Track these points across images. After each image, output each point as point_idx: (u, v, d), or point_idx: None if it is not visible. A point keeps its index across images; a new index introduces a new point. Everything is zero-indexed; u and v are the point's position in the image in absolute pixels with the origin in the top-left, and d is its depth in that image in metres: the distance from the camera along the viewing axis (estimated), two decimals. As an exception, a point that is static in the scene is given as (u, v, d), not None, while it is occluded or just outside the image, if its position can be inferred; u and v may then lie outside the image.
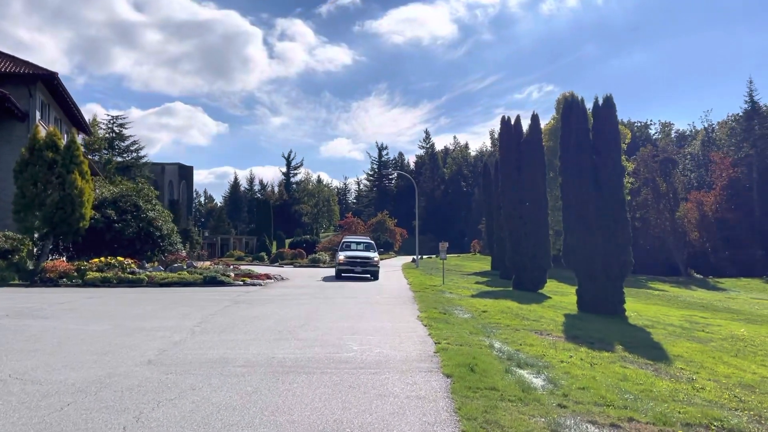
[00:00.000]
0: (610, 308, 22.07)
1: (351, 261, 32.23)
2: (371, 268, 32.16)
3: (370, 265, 32.17)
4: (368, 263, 32.18)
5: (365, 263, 32.22)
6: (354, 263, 32.19)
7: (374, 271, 32.23)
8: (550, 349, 11.58)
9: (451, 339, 11.23)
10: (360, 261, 32.29)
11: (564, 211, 23.31)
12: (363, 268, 31.98)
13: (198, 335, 11.41)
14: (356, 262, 32.23)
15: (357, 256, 32.66)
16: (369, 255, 32.96)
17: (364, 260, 32.36)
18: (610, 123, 22.51)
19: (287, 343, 10.58)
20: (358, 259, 32.42)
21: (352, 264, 32.16)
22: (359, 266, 32.04)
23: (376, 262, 32.56)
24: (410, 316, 15.31)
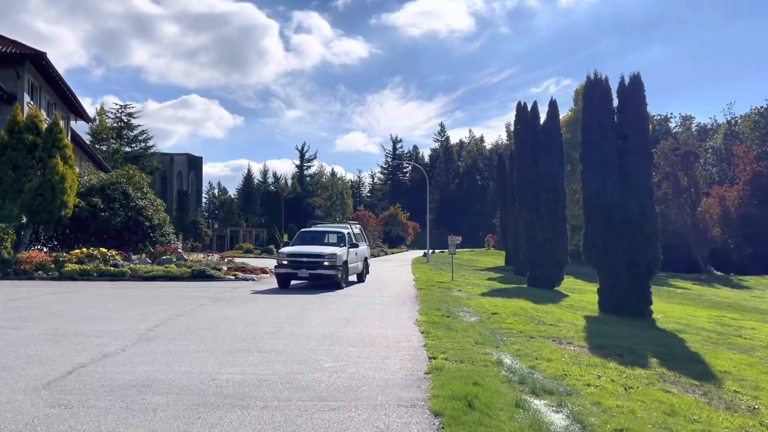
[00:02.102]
0: (635, 309, 19.84)
1: (295, 261, 21.12)
2: (325, 271, 20.73)
3: (321, 266, 20.75)
4: (318, 264, 20.80)
5: (314, 264, 20.86)
6: (298, 264, 21.02)
7: (329, 275, 20.76)
8: (573, 364, 9.42)
9: (450, 352, 9.09)
10: (307, 261, 20.93)
11: (585, 202, 21.05)
12: (311, 272, 20.80)
13: (142, 344, 9.36)
14: (301, 263, 20.97)
15: (305, 254, 21.24)
16: (325, 252, 21.29)
17: (313, 259, 20.95)
18: (638, 105, 20.20)
19: (245, 356, 8.50)
20: (305, 257, 21.07)
21: (295, 265, 21.02)
22: (305, 268, 20.80)
23: (333, 263, 20.79)
24: (407, 319, 13.19)
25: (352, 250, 22.80)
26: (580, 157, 21.40)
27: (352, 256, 22.66)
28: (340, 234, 23.20)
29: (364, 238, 25.79)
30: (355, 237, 24.11)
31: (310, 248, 21.75)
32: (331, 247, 21.98)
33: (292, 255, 21.31)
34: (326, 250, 21.43)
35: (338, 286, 20.81)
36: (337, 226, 25.56)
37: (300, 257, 21.08)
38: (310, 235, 24.07)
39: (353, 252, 22.94)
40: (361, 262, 24.30)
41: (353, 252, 22.94)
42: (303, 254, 21.19)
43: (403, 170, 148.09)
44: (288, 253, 21.56)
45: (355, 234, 24.41)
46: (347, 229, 23.91)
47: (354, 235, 24.14)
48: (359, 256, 24.06)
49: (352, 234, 23.86)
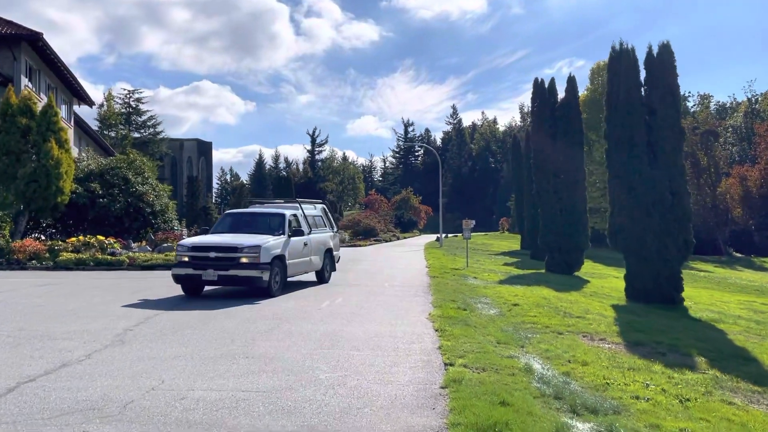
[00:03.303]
0: (666, 296, 18.45)
1: (198, 258, 14.22)
2: (242, 271, 14.01)
3: (237, 264, 14.00)
4: (233, 262, 14.03)
5: (226, 261, 14.05)
6: (202, 261, 14.13)
7: (249, 278, 14.07)
8: (613, 368, 8.09)
9: (470, 357, 7.77)
10: (216, 258, 14.08)
11: (610, 182, 19.59)
12: (222, 273, 13.95)
13: (114, 348, 8.11)
14: (207, 259, 14.10)
15: (213, 246, 14.36)
16: (243, 243, 14.26)
17: (224, 254, 14.12)
18: (668, 76, 18.67)
19: (228, 364, 7.22)
20: (212, 252, 14.17)
21: (200, 263, 14.12)
22: (213, 267, 13.95)
23: (255, 259, 14.02)
24: (419, 313, 11.87)
25: (297, 239, 15.73)
26: (605, 134, 19.95)
27: (297, 248, 15.66)
28: (276, 217, 16.06)
29: (327, 223, 19.05)
30: (305, 221, 16.83)
31: (221, 238, 14.84)
32: (258, 236, 14.77)
33: (196, 249, 14.26)
34: (246, 240, 14.35)
35: (266, 292, 14.12)
36: (277, 207, 17.90)
37: (206, 252, 14.04)
38: (237, 220, 16.54)
39: (298, 242, 15.82)
40: (318, 255, 17.32)
41: (298, 242, 15.82)
42: (210, 247, 14.16)
43: (415, 154, 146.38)
44: (190, 246, 14.41)
45: (306, 217, 17.08)
46: (291, 211, 16.65)
47: (303, 218, 16.87)
48: (313, 247, 16.86)
49: (299, 217, 16.63)
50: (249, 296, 14.14)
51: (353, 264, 26.11)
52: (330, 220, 19.52)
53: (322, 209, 19.34)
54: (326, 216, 19.42)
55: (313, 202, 19.61)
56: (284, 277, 15.12)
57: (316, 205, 19.39)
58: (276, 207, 17.97)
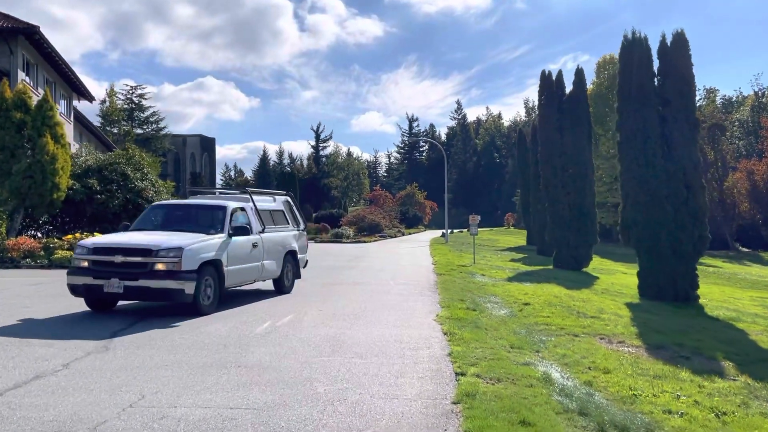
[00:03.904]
0: (681, 294, 17.79)
1: (101, 263, 10.88)
2: (157, 282, 10.56)
3: (150, 273, 10.56)
4: (145, 269, 10.60)
5: (136, 269, 10.67)
6: (106, 269, 10.76)
7: (167, 291, 10.62)
8: (637, 376, 7.46)
9: (483, 365, 7.13)
10: (120, 265, 10.69)
11: (622, 175, 18.89)
12: (129, 283, 10.54)
13: (97, 355, 7.49)
14: (112, 266, 10.72)
15: (121, 248, 10.90)
16: (159, 245, 10.74)
17: (134, 259, 10.71)
18: (682, 66, 17.97)
19: (218, 374, 6.59)
20: (119, 256, 10.71)
21: (101, 270, 10.77)
22: (118, 276, 10.55)
23: (175, 266, 10.53)
24: (426, 314, 11.23)
25: (242, 240, 12.27)
26: (617, 126, 19.25)
27: (241, 250, 12.27)
28: (215, 211, 12.52)
29: (291, 220, 15.40)
30: (256, 217, 13.35)
31: (132, 237, 11.46)
32: (184, 234, 11.41)
33: (98, 251, 10.95)
34: (164, 239, 10.97)
35: (195, 310, 10.77)
36: (220, 197, 14.86)
37: (110, 255, 10.69)
38: (167, 214, 13.10)
39: (244, 243, 12.39)
40: (275, 260, 13.81)
41: (244, 243, 12.39)
42: (115, 249, 10.81)
43: (420, 149, 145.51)
44: (91, 248, 11.05)
45: (258, 211, 13.54)
46: (238, 203, 13.23)
47: (255, 212, 13.39)
48: (266, 249, 13.35)
49: (249, 211, 13.19)
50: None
51: (357, 261, 25.47)
52: (295, 216, 15.81)
53: (284, 202, 15.52)
54: (290, 211, 15.63)
55: (274, 194, 15.76)
56: (220, 289, 11.41)
57: (276, 196, 15.48)
58: (221, 198, 14.42)
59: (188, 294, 10.57)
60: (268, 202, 14.81)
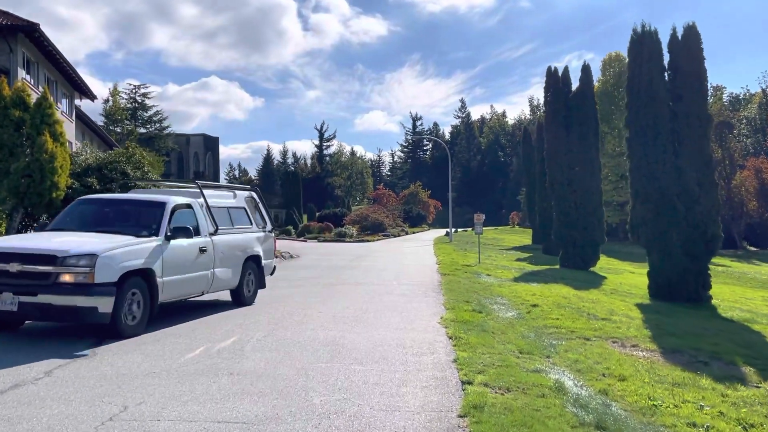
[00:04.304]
0: (692, 294, 17.34)
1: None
2: (60, 298, 8.18)
3: (51, 286, 8.23)
4: (45, 281, 8.28)
5: (36, 281, 8.33)
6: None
7: (78, 310, 8.21)
8: (655, 384, 7.01)
9: (491, 372, 6.69)
10: (17, 275, 8.34)
11: (632, 173, 18.42)
12: (25, 299, 8.17)
13: (83, 362, 7.08)
14: (6, 275, 8.34)
15: (21, 251, 8.57)
16: (68, 251, 8.39)
17: (34, 268, 8.36)
18: (694, 60, 17.51)
19: (208, 383, 6.16)
20: (15, 261, 8.36)
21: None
22: (11, 289, 8.22)
23: (84, 278, 8.24)
24: (431, 316, 10.79)
25: (184, 243, 10.15)
26: (626, 122, 18.80)
27: (183, 256, 10.17)
28: (151, 209, 10.39)
29: (255, 219, 13.14)
30: (206, 215, 11.15)
31: (35, 240, 9.68)
32: (107, 237, 9.33)
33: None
34: (73, 243, 8.86)
35: (114, 332, 8.58)
36: (163, 191, 12.33)
37: (5, 263, 8.45)
38: (94, 211, 10.81)
39: (188, 248, 10.29)
40: (231, 267, 11.68)
41: (188, 248, 10.29)
42: (10, 254, 8.57)
43: (424, 148, 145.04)
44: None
45: (209, 209, 11.29)
46: (183, 199, 10.95)
47: (205, 210, 11.19)
48: (219, 255, 11.20)
49: (196, 209, 10.96)
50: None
51: (360, 260, 25.05)
52: (262, 214, 13.47)
53: (247, 199, 13.23)
54: (255, 208, 13.33)
55: (234, 188, 13.66)
56: (152, 305, 9.23)
57: (238, 192, 13.30)
58: (163, 193, 11.85)
59: (103, 313, 8.26)
60: (226, 199, 12.49)
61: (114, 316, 8.42)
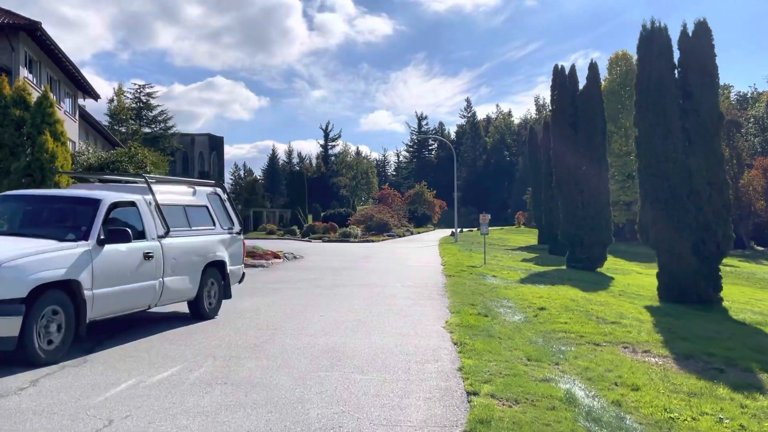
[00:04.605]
0: (703, 296, 16.95)
1: None
2: None
3: None
4: None
5: None
6: None
7: None
8: (670, 394, 6.68)
9: (498, 382, 6.36)
10: None
11: (641, 172, 18.05)
12: None
13: (73, 369, 6.78)
14: None
15: None
16: None
17: None
18: (704, 56, 17.12)
19: (201, 393, 5.86)
20: None
21: None
22: None
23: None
24: (435, 320, 10.46)
25: (121, 248, 8.57)
26: (635, 120, 18.41)
27: (121, 264, 8.59)
28: (82, 207, 8.87)
29: (219, 219, 11.35)
30: (153, 214, 9.51)
31: None
32: (18, 242, 7.88)
33: None
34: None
35: (24, 359, 7.00)
36: (102, 186, 10.82)
37: None
38: (15, 210, 9.37)
39: (127, 254, 8.70)
40: (187, 275, 10.09)
41: (127, 254, 8.70)
42: None
43: (429, 148, 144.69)
44: None
45: (159, 206, 9.63)
46: (122, 195, 9.24)
47: (152, 208, 9.53)
48: (171, 261, 9.61)
49: (141, 206, 9.31)
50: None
51: (364, 261, 24.74)
52: (229, 214, 11.74)
53: (211, 196, 11.44)
54: (221, 207, 11.60)
55: (194, 183, 11.72)
56: (77, 325, 7.66)
57: (199, 187, 11.39)
58: (100, 188, 10.15)
59: (5, 338, 6.73)
60: (183, 195, 10.74)
61: (22, 340, 6.83)
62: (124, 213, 8.94)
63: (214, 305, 10.88)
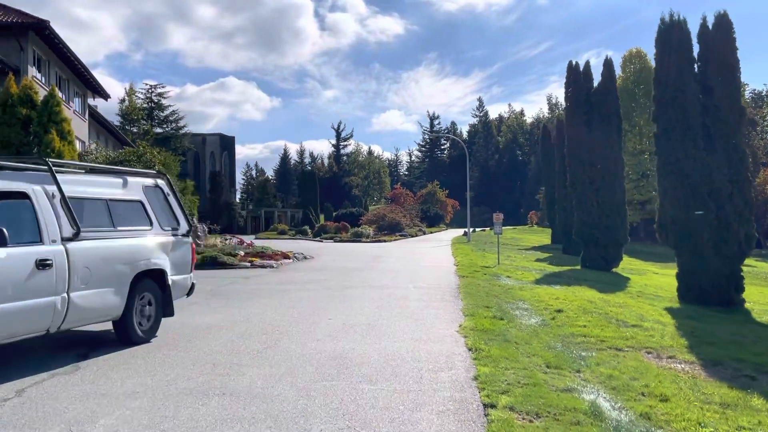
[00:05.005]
0: (725, 297, 16.49)
1: None
2: None
3: None
4: None
5: None
6: None
7: None
8: (703, 405, 6.20)
9: (517, 392, 5.91)
10: None
11: (659, 170, 17.57)
12: None
13: (66, 377, 6.39)
14: None
15: None
16: None
17: None
18: (725, 50, 16.63)
19: (196, 405, 5.44)
20: None
21: None
22: None
23: None
24: (448, 323, 10.00)
25: (4, 254, 6.45)
26: (653, 116, 17.94)
27: (7, 276, 6.44)
28: None
29: (156, 217, 9.11)
30: (57, 209, 7.36)
31: None
32: None
33: None
34: None
35: None
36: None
37: None
38: None
39: (17, 263, 6.62)
40: (112, 288, 7.92)
41: (17, 263, 6.62)
42: None
43: (441, 147, 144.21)
44: None
45: (65, 199, 7.47)
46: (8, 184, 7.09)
47: (61, 203, 7.45)
48: (87, 270, 7.53)
49: (42, 201, 7.22)
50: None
51: (375, 261, 24.32)
52: (173, 211, 9.54)
53: (149, 188, 9.26)
54: (164, 202, 9.44)
55: (123, 172, 9.45)
56: None
57: (131, 177, 9.13)
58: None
59: None
60: (106, 187, 8.49)
61: None
62: (9, 208, 6.91)
63: (149, 326, 8.63)
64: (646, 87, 54.15)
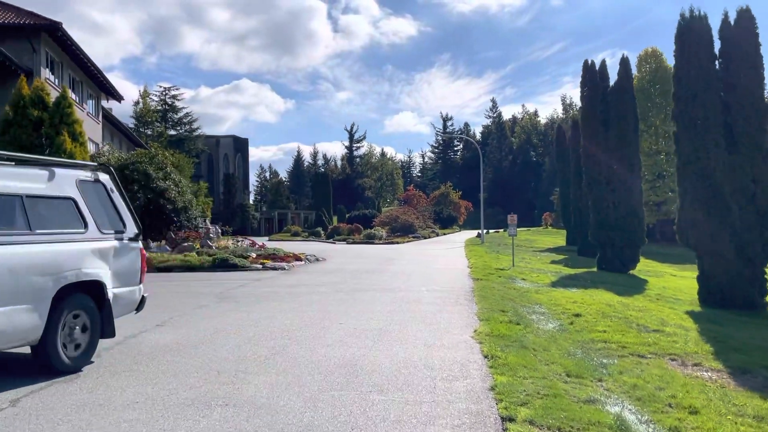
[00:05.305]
0: (748, 301, 16.03)
1: None
2: None
3: None
4: None
5: None
6: None
7: None
8: (736, 418, 5.83)
9: (537, 404, 5.56)
10: None
11: (680, 170, 17.12)
12: None
13: (64, 385, 6.11)
14: None
15: None
16: None
17: None
18: (748, 46, 16.17)
19: (196, 418, 5.13)
20: None
21: None
22: None
23: None
24: (462, 328, 9.65)
25: None
26: (673, 115, 17.51)
27: None
28: None
29: (93, 218, 7.30)
30: None
31: None
32: None
33: None
34: None
35: None
36: None
37: None
38: None
39: None
40: (28, 306, 6.17)
41: None
42: None
43: (454, 149, 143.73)
44: None
45: None
46: None
47: None
48: None
49: None
50: None
51: (388, 264, 24.00)
52: (117, 210, 7.91)
53: (84, 183, 7.48)
54: (105, 200, 7.81)
55: (48, 162, 7.52)
56: None
57: (59, 170, 7.30)
58: None
59: None
60: (23, 181, 6.69)
61: None
62: None
63: (81, 352, 6.98)
64: (662, 87, 53.48)
